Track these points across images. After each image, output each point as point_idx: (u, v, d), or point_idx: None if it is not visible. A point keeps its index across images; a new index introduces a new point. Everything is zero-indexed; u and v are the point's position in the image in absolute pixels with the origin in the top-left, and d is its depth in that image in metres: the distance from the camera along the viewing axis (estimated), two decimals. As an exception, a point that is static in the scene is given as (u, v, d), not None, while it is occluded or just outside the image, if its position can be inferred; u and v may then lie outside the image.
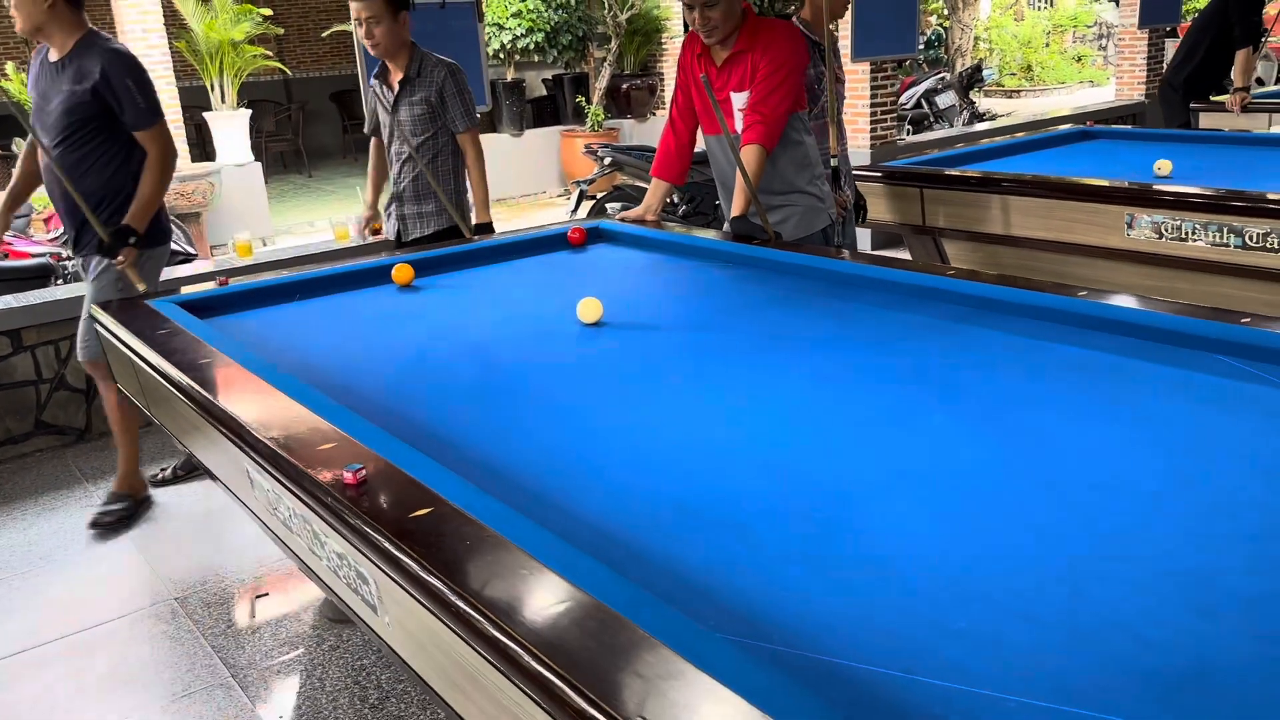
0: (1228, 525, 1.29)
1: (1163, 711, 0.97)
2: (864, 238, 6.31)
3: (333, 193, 10.93)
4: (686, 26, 3.28)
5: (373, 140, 3.92)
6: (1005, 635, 1.10)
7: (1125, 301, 2.09)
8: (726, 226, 3.26)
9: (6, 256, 4.84)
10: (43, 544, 3.31)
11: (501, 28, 9.57)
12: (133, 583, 3.03)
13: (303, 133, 12.73)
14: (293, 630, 2.72)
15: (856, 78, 6.46)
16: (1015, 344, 2.03)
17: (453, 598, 1.15)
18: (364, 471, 1.45)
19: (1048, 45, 16.89)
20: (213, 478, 2.18)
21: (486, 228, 3.67)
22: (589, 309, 2.33)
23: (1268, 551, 1.22)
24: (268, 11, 8.87)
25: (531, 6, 9.67)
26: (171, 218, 7.05)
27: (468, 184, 3.78)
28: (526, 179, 9.72)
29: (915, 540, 1.31)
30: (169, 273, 4.17)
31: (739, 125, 3.14)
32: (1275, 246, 2.98)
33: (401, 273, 2.87)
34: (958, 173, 3.94)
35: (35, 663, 2.65)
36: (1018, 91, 16.20)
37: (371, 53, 3.58)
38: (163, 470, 3.70)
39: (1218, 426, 1.59)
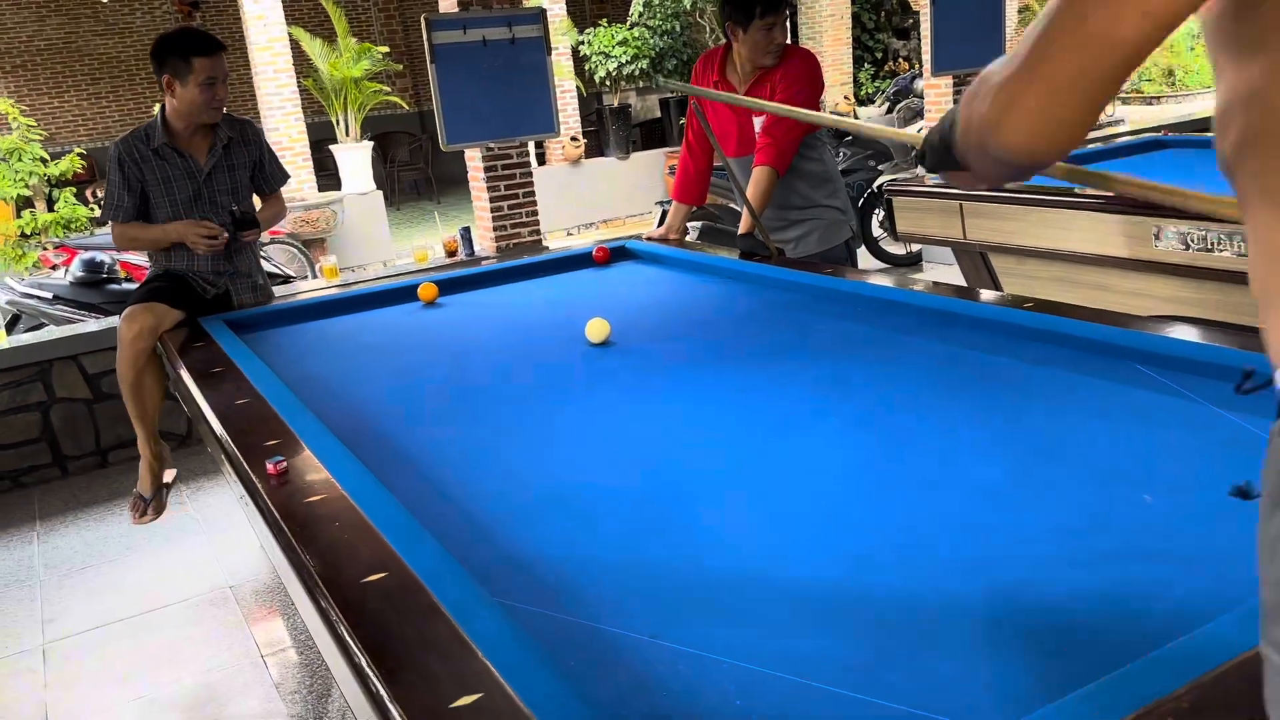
0: (1027, 520, 1.35)
1: (864, 678, 1.07)
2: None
3: (455, 217, 11.49)
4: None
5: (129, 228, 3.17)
6: (763, 612, 1.21)
7: (1067, 313, 2.12)
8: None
9: (130, 278, 5.40)
10: (133, 535, 3.71)
11: (608, 56, 9.89)
12: (198, 571, 3.37)
13: (432, 161, 13.41)
14: (323, 617, 2.99)
15: (939, 91, 6.43)
16: (941, 352, 2.09)
17: (303, 570, 1.35)
18: (284, 463, 1.67)
19: (1192, 49, 16.05)
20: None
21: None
22: (596, 329, 2.45)
23: (1045, 548, 1.29)
24: (385, 49, 9.46)
25: (637, 34, 9.95)
26: (293, 242, 7.65)
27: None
28: (631, 200, 9.99)
29: (735, 532, 1.43)
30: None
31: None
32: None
33: (427, 291, 3.12)
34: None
35: (103, 639, 3.00)
36: (1158, 98, 15.47)
37: (213, 118, 3.13)
38: None
39: (1086, 430, 1.63)
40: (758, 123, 3.30)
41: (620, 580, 1.32)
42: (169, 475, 3.47)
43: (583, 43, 10.12)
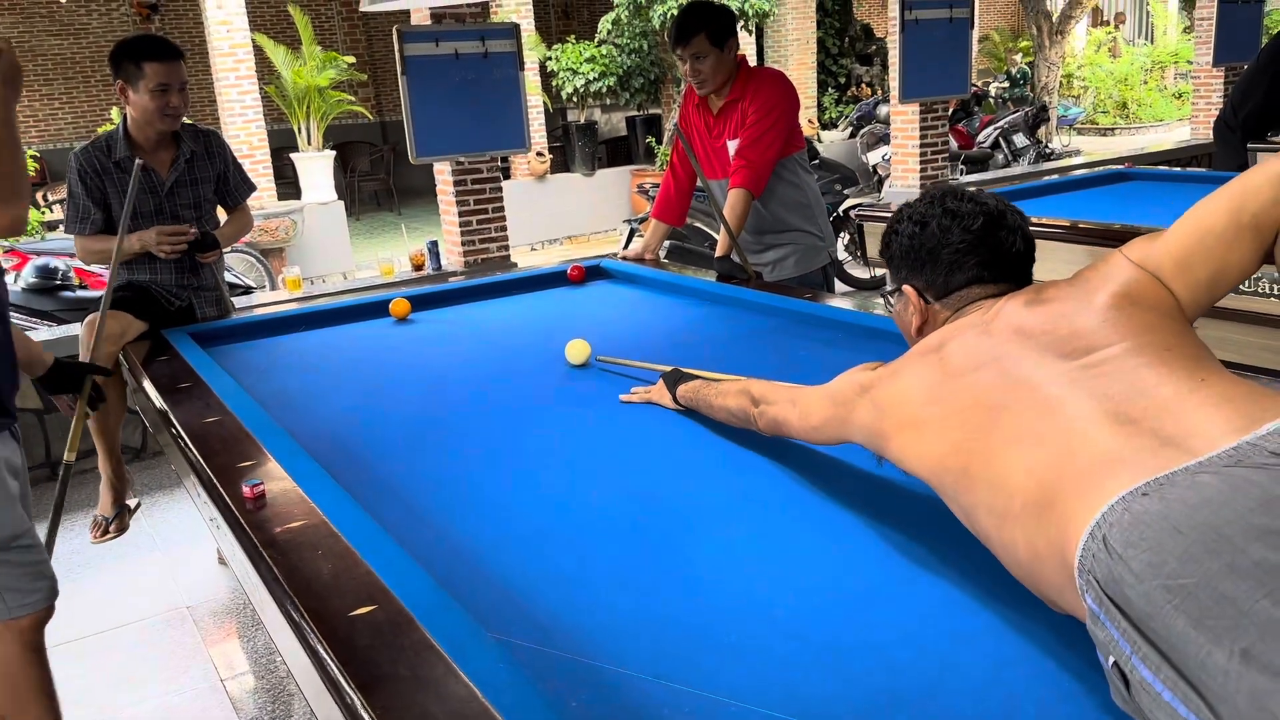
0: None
1: (882, 725, 1.04)
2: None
3: (417, 229, 11.38)
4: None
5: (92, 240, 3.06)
6: (767, 649, 1.18)
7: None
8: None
9: (85, 285, 5.25)
10: (85, 551, 3.59)
11: (575, 72, 9.88)
12: (154, 589, 3.26)
13: (393, 173, 13.29)
14: (284, 640, 2.90)
15: (906, 118, 6.50)
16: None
17: (285, 600, 1.29)
18: (262, 487, 1.61)
19: (1145, 82, 16.45)
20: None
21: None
22: (576, 351, 2.41)
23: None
24: (351, 59, 9.37)
25: (605, 52, 9.96)
26: (251, 252, 7.51)
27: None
28: (597, 217, 9.97)
29: (733, 564, 1.40)
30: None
31: None
32: (1267, 291, 2.94)
33: (399, 307, 3.06)
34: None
35: (53, 660, 2.87)
36: (1112, 129, 15.82)
37: (169, 126, 3.01)
38: None
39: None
40: (731, 146, 3.30)
41: (617, 615, 1.28)
42: (132, 502, 3.36)
43: (550, 59, 10.10)
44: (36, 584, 1.98)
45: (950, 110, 9.09)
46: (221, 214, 3.38)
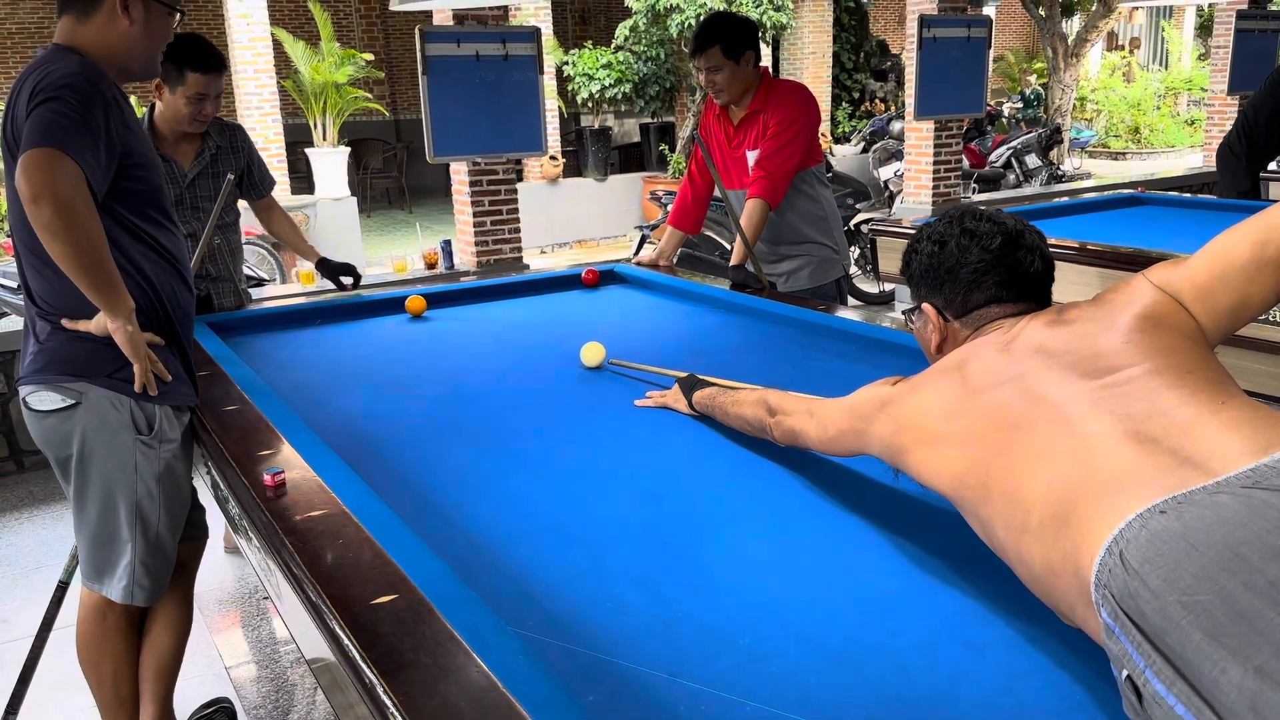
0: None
1: (894, 730, 1.06)
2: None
3: (428, 228, 11.42)
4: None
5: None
6: (781, 651, 1.20)
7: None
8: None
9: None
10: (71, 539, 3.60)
11: (591, 78, 9.93)
12: (159, 577, 3.28)
13: (406, 171, 13.33)
14: (287, 634, 2.92)
15: (920, 135, 6.52)
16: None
17: (306, 587, 1.31)
18: (282, 475, 1.63)
19: (1158, 108, 16.47)
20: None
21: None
22: (591, 353, 2.43)
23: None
24: (369, 56, 9.41)
25: (622, 59, 10.00)
26: (263, 244, 7.54)
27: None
28: (608, 222, 10.00)
29: (747, 566, 1.42)
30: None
31: None
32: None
33: (415, 303, 3.08)
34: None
35: (58, 643, 2.88)
36: (1124, 154, 15.83)
37: (196, 130, 3.04)
38: None
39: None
40: (751, 157, 3.32)
41: (631, 613, 1.30)
42: None
43: (567, 63, 10.15)
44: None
45: (963, 128, 9.13)
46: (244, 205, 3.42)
